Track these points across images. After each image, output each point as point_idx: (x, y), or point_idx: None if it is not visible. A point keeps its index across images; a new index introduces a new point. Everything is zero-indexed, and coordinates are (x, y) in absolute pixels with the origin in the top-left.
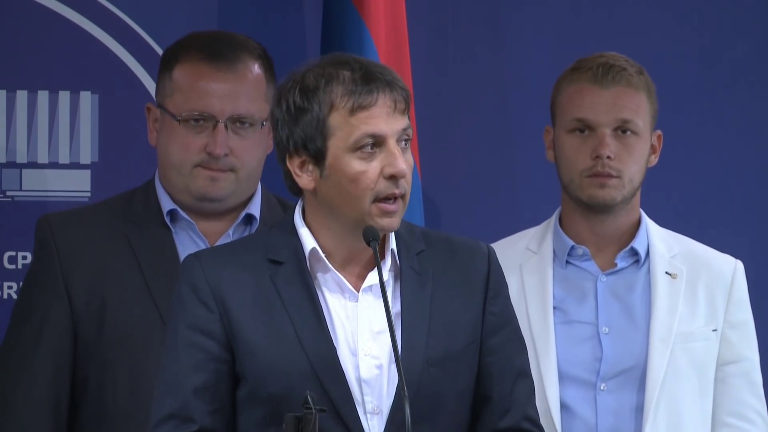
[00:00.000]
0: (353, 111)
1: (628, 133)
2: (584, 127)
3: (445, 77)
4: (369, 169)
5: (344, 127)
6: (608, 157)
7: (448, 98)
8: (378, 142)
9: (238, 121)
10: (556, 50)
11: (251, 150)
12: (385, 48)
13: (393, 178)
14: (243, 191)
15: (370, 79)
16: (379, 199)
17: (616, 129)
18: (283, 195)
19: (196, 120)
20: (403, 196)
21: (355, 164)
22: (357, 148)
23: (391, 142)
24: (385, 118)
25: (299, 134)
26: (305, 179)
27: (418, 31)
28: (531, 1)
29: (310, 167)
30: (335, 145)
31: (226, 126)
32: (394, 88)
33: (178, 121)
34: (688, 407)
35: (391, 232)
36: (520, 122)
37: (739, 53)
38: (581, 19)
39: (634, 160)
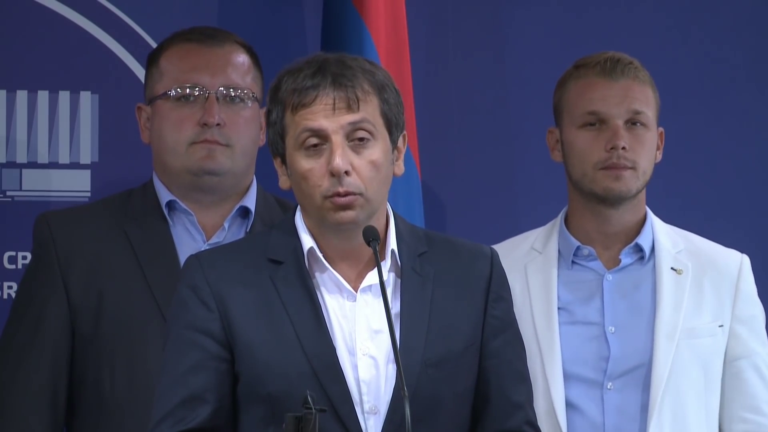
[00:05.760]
0: (295, 109)
1: (638, 125)
2: (596, 121)
3: (445, 77)
4: (316, 166)
5: (291, 125)
6: (623, 148)
7: (448, 98)
8: (323, 138)
9: (228, 96)
10: (556, 50)
11: (243, 126)
12: (385, 48)
13: (333, 175)
14: (239, 170)
15: (314, 76)
16: (328, 195)
17: (627, 121)
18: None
19: (188, 96)
20: (361, 193)
21: (303, 162)
22: (302, 146)
23: (335, 139)
24: (325, 115)
25: (271, 134)
26: (283, 179)
27: (418, 30)
28: (531, 0)
29: (284, 167)
30: (289, 144)
31: (217, 98)
32: (338, 86)
33: (170, 96)
34: (693, 404)
35: (349, 225)
36: (520, 122)
37: (739, 53)
38: (581, 19)
39: (645, 152)
